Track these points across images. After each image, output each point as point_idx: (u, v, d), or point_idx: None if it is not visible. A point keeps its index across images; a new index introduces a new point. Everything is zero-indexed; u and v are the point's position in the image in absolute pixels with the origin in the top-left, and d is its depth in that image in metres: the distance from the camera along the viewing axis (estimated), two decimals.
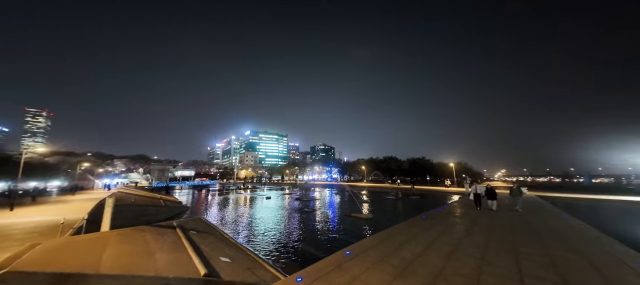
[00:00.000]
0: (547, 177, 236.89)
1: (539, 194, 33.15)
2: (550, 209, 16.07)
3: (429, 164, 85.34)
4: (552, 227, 10.03)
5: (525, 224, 10.54)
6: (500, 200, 21.34)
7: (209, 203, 27.71)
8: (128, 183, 74.33)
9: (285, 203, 25.93)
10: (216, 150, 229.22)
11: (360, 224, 14.14)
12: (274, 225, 14.62)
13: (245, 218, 17.15)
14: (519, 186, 14.60)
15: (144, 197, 22.28)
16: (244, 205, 25.07)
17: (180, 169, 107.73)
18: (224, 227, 14.04)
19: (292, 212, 19.35)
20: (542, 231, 9.06)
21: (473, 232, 8.66)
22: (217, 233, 8.22)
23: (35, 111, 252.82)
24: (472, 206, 14.53)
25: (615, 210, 22.20)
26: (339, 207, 22.05)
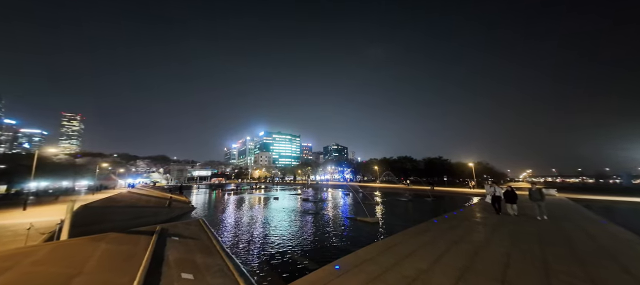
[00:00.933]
0: (579, 177, 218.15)
1: (570, 196, 30.03)
2: (584, 213, 14.11)
3: (447, 164, 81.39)
4: (591, 236, 8.51)
5: (555, 232, 9.06)
6: (523, 203, 19.31)
7: (218, 203, 27.73)
8: (149, 183, 77.99)
9: (291, 204, 25.33)
10: (232, 150, 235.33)
11: (365, 230, 13.17)
12: (272, 228, 13.97)
13: (245, 220, 16.63)
14: (540, 189, 12.25)
15: (149, 197, 22.50)
16: (250, 206, 24.73)
17: (198, 169, 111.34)
18: (221, 230, 13.68)
19: (295, 214, 18.60)
20: (577, 242, 7.63)
21: (491, 243, 7.47)
22: (204, 239, 7.68)
23: (70, 115, 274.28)
24: (491, 211, 13.06)
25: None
26: (346, 209, 21.06)
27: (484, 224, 10.59)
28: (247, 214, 19.02)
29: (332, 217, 16.78)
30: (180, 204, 21.36)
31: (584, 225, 10.56)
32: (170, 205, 18.74)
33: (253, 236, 12.68)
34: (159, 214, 16.43)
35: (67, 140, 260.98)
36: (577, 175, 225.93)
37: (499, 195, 12.33)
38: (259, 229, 13.97)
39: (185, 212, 20.24)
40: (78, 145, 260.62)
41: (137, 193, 24.31)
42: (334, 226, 13.90)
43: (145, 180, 78.58)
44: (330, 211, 20.15)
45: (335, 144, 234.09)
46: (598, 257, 6.23)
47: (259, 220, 16.21)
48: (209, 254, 6.37)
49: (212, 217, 18.15)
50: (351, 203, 26.42)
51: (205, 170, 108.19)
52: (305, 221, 15.64)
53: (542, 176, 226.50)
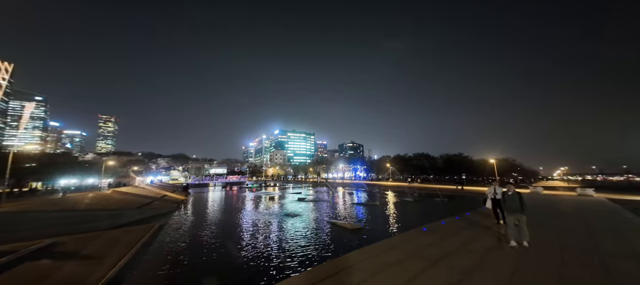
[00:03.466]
0: (624, 175, 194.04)
1: (611, 196, 25.87)
2: (631, 220, 11.50)
3: (468, 161, 75.95)
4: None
5: (589, 253, 6.76)
6: (553, 207, 16.52)
7: (211, 202, 27.06)
8: (168, 180, 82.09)
9: (278, 205, 23.83)
10: (250, 149, 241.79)
11: (341, 237, 11.38)
12: (232, 234, 12.49)
13: (214, 222, 15.40)
14: (520, 193, 7.59)
15: (130, 197, 21.25)
16: (237, 205, 23.73)
17: (215, 167, 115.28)
18: (182, 236, 12.29)
19: (271, 216, 16.96)
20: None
21: (477, 273, 5.84)
22: (98, 257, 6.66)
23: (106, 117, 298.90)
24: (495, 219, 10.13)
25: None
26: (332, 212, 18.84)
27: (481, 239, 8.82)
28: (218, 216, 17.41)
29: (309, 221, 14.89)
30: (167, 204, 20.93)
31: (632, 241, 8.34)
32: (145, 207, 17.86)
33: (199, 245, 11.12)
34: (121, 217, 14.82)
35: (103, 140, 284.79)
36: (622, 173, 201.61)
37: (499, 199, 9.64)
38: (215, 235, 12.58)
39: (166, 212, 18.64)
40: (113, 145, 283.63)
41: (122, 192, 23.86)
42: (303, 233, 12.21)
43: (164, 178, 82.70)
44: (310, 213, 18.19)
45: (350, 141, 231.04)
46: None
47: (223, 223, 14.69)
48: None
49: (191, 218, 17.00)
50: (345, 204, 24.63)
51: (222, 168, 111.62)
52: (273, 226, 13.96)
53: (580, 174, 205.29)
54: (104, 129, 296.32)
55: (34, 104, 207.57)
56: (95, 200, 18.37)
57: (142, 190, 28.47)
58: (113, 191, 23.39)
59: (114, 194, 21.74)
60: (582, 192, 27.90)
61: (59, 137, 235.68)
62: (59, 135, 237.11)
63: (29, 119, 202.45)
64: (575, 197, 25.51)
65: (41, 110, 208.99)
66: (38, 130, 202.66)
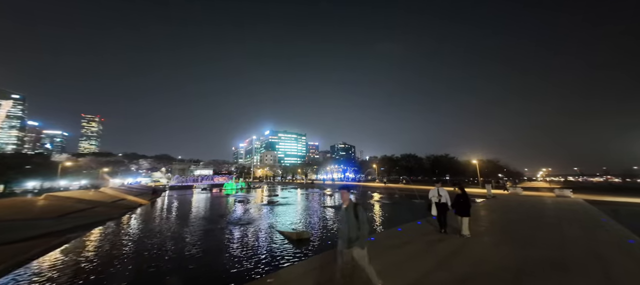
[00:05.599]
0: (604, 176, 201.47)
1: (589, 197, 25.59)
2: (607, 224, 10.64)
3: (454, 162, 76.26)
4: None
5: (554, 268, 5.89)
6: (526, 210, 15.68)
7: (173, 207, 24.92)
8: (149, 182, 78.84)
9: (241, 209, 21.95)
10: (240, 150, 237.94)
11: (281, 248, 9.83)
12: (147, 249, 10.52)
13: (142, 231, 13.54)
14: (466, 194, 7.99)
15: (77, 201, 19.14)
16: (196, 211, 21.80)
17: (201, 168, 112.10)
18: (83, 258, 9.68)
19: (219, 224, 15.00)
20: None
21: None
22: None
23: (90, 117, 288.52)
24: (437, 227, 8.78)
25: None
26: (290, 217, 16.98)
27: (418, 256, 7.69)
28: (172, 224, 15.46)
29: (259, 230, 13.05)
30: (114, 210, 18.78)
31: (603, 250, 7.35)
32: (74, 214, 15.58)
33: (109, 262, 9.08)
34: (21, 230, 11.97)
35: (86, 141, 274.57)
36: (601, 174, 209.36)
37: (444, 202, 8.30)
38: (135, 249, 10.62)
39: (100, 220, 15.68)
40: (97, 146, 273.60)
41: (60, 196, 20.87)
42: (240, 245, 10.55)
43: (145, 179, 79.38)
44: (265, 220, 16.18)
45: (342, 142, 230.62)
46: None
47: (154, 232, 12.89)
48: None
49: (116, 230, 14.30)
50: (316, 207, 23.21)
51: (208, 169, 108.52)
52: (208, 237, 12.10)
53: (563, 175, 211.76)
54: (87, 129, 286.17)
55: (11, 102, 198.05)
56: (13, 206, 16.19)
57: (93, 194, 26.24)
58: (47, 196, 21.05)
59: (46, 199, 19.49)
60: (560, 193, 27.63)
61: (38, 137, 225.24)
62: (38, 135, 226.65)
63: (5, 118, 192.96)
64: (553, 198, 25.13)
65: (19, 109, 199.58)
66: (15, 129, 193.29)
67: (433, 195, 8.49)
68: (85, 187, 41.48)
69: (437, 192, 8.46)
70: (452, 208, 8.03)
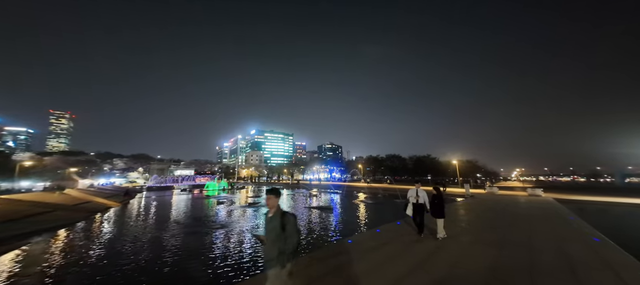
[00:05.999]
0: (571, 176, 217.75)
1: (558, 196, 27.16)
2: (574, 222, 11.13)
3: (435, 162, 78.79)
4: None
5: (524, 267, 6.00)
6: (499, 209, 16.20)
7: (145, 210, 23.31)
8: (125, 182, 74.32)
9: (221, 211, 20.67)
10: (224, 149, 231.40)
11: (251, 255, 9.39)
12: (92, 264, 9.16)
13: (96, 242, 11.91)
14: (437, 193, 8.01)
15: (29, 204, 17.14)
16: (169, 214, 20.57)
17: (182, 168, 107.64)
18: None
19: (193, 228, 13.92)
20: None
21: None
22: None
23: (59, 113, 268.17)
24: (415, 227, 8.50)
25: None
26: (262, 220, 15.81)
27: (391, 262, 7.55)
28: (136, 230, 14.05)
29: (234, 234, 12.28)
30: (74, 214, 17.04)
31: (571, 247, 7.52)
32: (19, 220, 13.81)
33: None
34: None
35: (55, 139, 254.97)
36: (569, 174, 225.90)
37: (422, 203, 7.99)
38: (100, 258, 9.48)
39: (49, 227, 13.81)
40: (67, 144, 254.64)
41: (13, 199, 18.57)
42: (212, 250, 9.90)
43: (120, 180, 74.80)
44: (242, 223, 15.26)
45: (329, 143, 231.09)
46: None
47: (121, 243, 11.40)
48: None
49: (65, 239, 12.68)
50: (297, 208, 22.70)
51: (189, 169, 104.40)
52: (183, 240, 11.24)
53: (535, 175, 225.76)
54: (56, 126, 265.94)
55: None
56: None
57: (56, 197, 24.03)
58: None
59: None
60: (532, 192, 29.05)
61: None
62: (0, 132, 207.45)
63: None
64: (526, 197, 26.36)
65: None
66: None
67: (411, 196, 8.25)
68: (51, 188, 38.17)
69: (415, 193, 8.22)
70: (428, 210, 7.89)
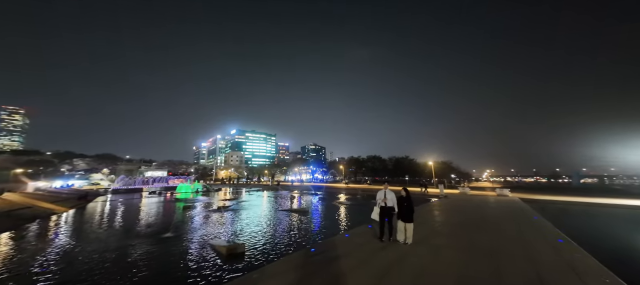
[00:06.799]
0: (534, 177, 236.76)
1: (523, 196, 28.76)
2: (539, 222, 11.38)
3: (414, 163, 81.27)
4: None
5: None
6: (471, 211, 16.46)
7: (98, 215, 20.77)
8: (86, 184, 67.80)
9: (186, 216, 18.97)
10: (202, 150, 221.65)
11: (202, 268, 8.06)
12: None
13: (28, 249, 10.57)
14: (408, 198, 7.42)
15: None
16: (122, 217, 18.74)
17: (153, 169, 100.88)
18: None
19: (134, 239, 12.11)
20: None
21: None
22: None
23: (12, 109, 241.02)
24: (386, 232, 7.90)
25: (616, 219, 17.82)
26: (237, 225, 14.82)
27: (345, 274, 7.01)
28: (68, 241, 12.02)
29: (191, 242, 10.90)
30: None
31: (537, 250, 7.38)
32: None
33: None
34: None
35: (6, 137, 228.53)
36: (532, 175, 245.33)
37: (391, 207, 7.36)
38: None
39: None
40: (21, 142, 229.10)
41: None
42: (153, 263, 8.57)
43: (80, 182, 68.07)
44: (202, 229, 13.77)
45: (313, 144, 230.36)
46: None
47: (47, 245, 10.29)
48: None
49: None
50: (271, 211, 21.35)
51: (162, 170, 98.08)
52: (125, 255, 9.67)
53: (503, 175, 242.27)
54: (8, 123, 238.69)
55: None
56: None
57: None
58: None
59: None
60: (500, 192, 30.51)
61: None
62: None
63: None
64: (495, 197, 27.55)
65: None
66: None
67: (379, 198, 7.56)
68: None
69: (383, 195, 7.50)
70: (395, 212, 7.34)
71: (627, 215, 18.54)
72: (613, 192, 40.21)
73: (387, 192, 7.47)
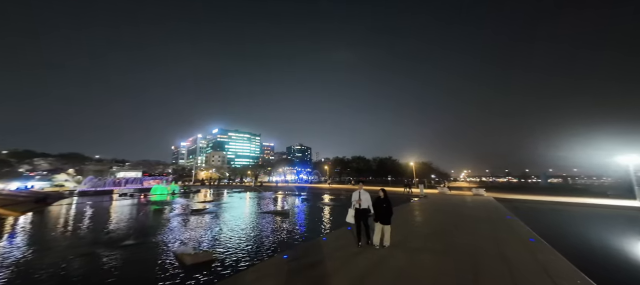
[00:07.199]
0: (506, 177, 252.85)
1: (496, 195, 30.14)
2: (512, 222, 11.69)
3: (396, 164, 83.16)
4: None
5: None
6: (449, 211, 16.76)
7: (44, 219, 18.73)
8: (48, 186, 61.84)
9: (158, 220, 17.53)
10: (181, 149, 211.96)
11: (161, 281, 6.91)
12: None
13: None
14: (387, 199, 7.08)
15: None
16: (81, 222, 16.89)
17: (127, 170, 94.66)
18: None
19: (89, 248, 10.58)
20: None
21: None
22: None
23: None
24: (364, 235, 7.41)
25: (579, 216, 19.06)
26: (211, 230, 13.58)
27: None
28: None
29: (155, 252, 9.64)
30: None
31: (513, 250, 7.39)
32: None
33: None
34: None
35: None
36: (505, 175, 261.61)
37: (365, 208, 6.94)
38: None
39: None
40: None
41: None
42: (103, 276, 7.37)
43: (41, 183, 62.03)
44: (164, 236, 12.40)
45: (298, 144, 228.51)
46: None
47: None
48: None
49: None
50: (251, 214, 20.34)
51: (136, 170, 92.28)
52: (55, 266, 8.24)
53: (478, 176, 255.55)
54: None
55: None
56: None
57: None
58: None
59: None
60: (476, 192, 31.79)
61: None
62: None
63: None
64: (471, 196, 28.60)
65: None
66: None
67: (354, 200, 7.03)
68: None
69: (358, 196, 6.98)
70: (371, 213, 7.02)
71: (587, 213, 20.03)
72: (575, 191, 43.59)
73: (361, 193, 7.05)
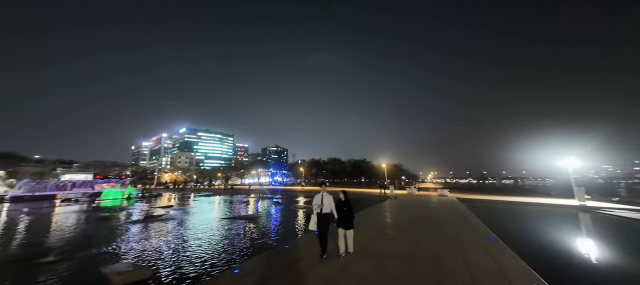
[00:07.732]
0: (467, 178, 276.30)
1: (458, 195, 32.17)
2: (472, 221, 12.12)
3: (370, 166, 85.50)
4: None
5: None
6: (412, 212, 17.14)
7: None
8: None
9: (104, 230, 15.17)
10: (143, 150, 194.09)
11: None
12: None
13: None
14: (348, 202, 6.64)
15: None
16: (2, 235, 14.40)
17: (75, 172, 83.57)
18: None
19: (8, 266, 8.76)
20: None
21: None
22: None
23: None
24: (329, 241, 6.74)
25: (532, 213, 20.92)
26: (143, 244, 11.29)
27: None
28: None
29: (72, 268, 8.01)
30: None
31: (471, 250, 7.38)
32: None
33: None
34: None
35: None
36: (466, 177, 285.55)
37: (328, 213, 6.34)
38: None
39: None
40: None
41: None
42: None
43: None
44: (101, 247, 10.62)
45: (274, 145, 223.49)
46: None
47: None
48: None
49: None
50: (216, 219, 18.63)
51: (87, 173, 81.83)
52: None
53: (443, 177, 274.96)
54: None
55: None
56: None
57: None
58: None
59: None
60: (441, 193, 33.60)
61: None
62: None
63: None
64: (436, 197, 30.07)
65: None
66: None
67: (315, 204, 6.38)
68: None
69: (320, 199, 6.35)
70: (335, 218, 6.48)
71: (534, 211, 22.25)
72: (525, 191, 48.77)
73: (324, 196, 6.45)
